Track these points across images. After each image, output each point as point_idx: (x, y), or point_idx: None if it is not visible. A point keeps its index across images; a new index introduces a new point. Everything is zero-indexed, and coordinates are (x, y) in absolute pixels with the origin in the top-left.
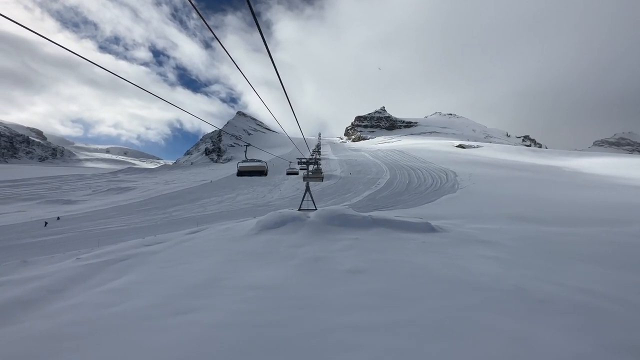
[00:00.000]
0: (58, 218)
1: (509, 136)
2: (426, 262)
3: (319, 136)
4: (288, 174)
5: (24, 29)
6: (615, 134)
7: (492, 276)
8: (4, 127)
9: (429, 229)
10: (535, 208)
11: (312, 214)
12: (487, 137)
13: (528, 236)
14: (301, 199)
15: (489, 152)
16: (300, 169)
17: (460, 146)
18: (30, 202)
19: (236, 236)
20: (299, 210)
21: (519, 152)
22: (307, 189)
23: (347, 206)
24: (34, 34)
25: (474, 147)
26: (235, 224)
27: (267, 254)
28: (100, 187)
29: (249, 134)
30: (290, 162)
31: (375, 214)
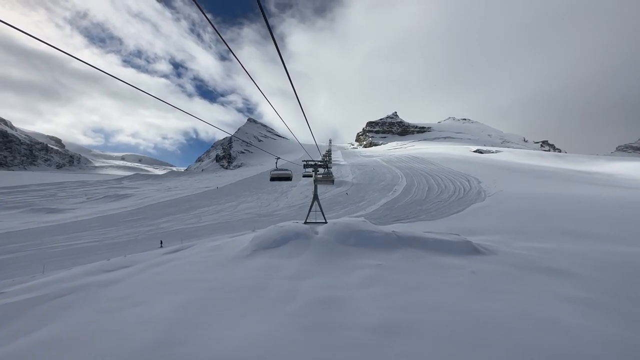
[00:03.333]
0: None
1: (526, 141)
2: (493, 310)
3: (330, 142)
4: (304, 176)
5: (53, 46)
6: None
7: (611, 343)
8: (25, 135)
9: (471, 249)
10: (588, 220)
11: (320, 229)
12: (504, 142)
13: (610, 262)
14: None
15: (509, 157)
16: (304, 175)
17: (478, 151)
18: (13, 211)
19: (223, 258)
20: (305, 223)
21: (542, 157)
22: (315, 197)
23: (362, 218)
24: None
25: (493, 152)
26: (228, 239)
27: (256, 290)
28: (97, 194)
29: (260, 141)
30: (305, 168)
31: (398, 228)
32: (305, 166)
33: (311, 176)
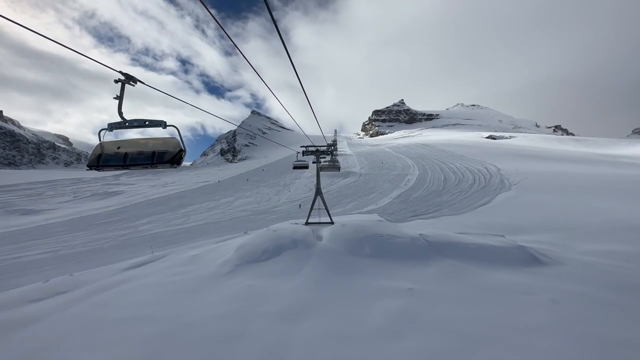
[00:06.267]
0: None
1: (538, 126)
2: None
3: (335, 132)
4: (295, 167)
5: (64, 47)
6: None
7: None
8: (32, 134)
9: (528, 259)
10: None
11: (325, 233)
12: (515, 128)
13: None
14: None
15: (525, 142)
16: (295, 167)
17: (490, 137)
18: None
19: (195, 278)
20: (307, 224)
21: (560, 141)
22: (318, 191)
23: (376, 215)
24: (72, 51)
25: (506, 137)
26: (212, 246)
27: (225, 341)
28: (86, 192)
29: (264, 133)
30: (298, 153)
31: (423, 227)
32: (304, 153)
33: (306, 167)
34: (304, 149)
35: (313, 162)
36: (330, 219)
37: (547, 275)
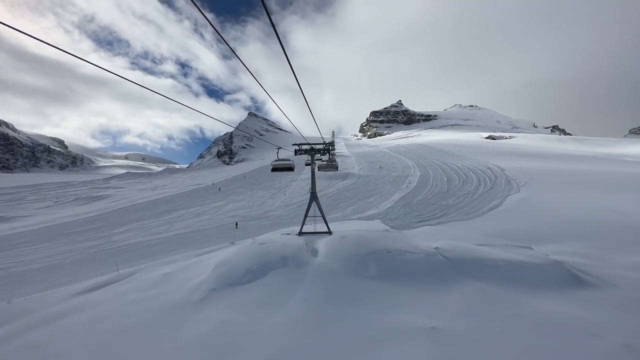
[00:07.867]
0: None
1: (536, 127)
2: None
3: (333, 134)
4: (274, 169)
5: (63, 52)
6: None
7: None
8: (27, 137)
9: (568, 278)
10: None
11: (321, 246)
12: (514, 128)
13: None
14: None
15: (525, 142)
16: (274, 168)
17: (490, 137)
18: None
19: (160, 307)
20: (300, 234)
21: (560, 141)
22: (314, 197)
23: (380, 222)
24: (71, 56)
25: (506, 137)
26: (192, 260)
27: None
28: (70, 197)
29: (261, 135)
30: (279, 149)
31: (433, 235)
32: (297, 152)
33: (290, 169)
34: (296, 147)
35: (307, 164)
36: (328, 228)
37: (601, 303)
